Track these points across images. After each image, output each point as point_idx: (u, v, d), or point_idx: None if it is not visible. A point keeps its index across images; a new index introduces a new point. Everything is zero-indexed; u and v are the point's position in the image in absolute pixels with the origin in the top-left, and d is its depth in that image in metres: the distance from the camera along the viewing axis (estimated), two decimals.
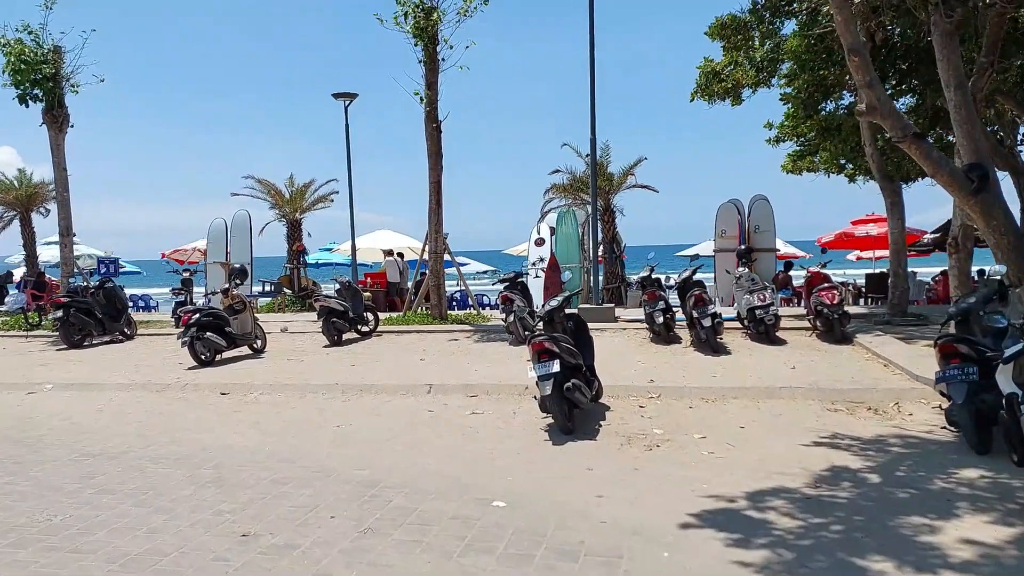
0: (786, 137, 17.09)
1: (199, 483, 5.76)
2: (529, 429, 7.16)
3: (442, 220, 15.06)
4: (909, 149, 7.24)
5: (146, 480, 5.90)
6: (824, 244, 23.83)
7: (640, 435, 6.83)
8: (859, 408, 7.70)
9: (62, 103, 16.34)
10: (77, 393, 9.72)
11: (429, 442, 6.84)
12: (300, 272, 22.17)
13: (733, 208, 18.88)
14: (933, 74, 13.60)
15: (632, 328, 13.16)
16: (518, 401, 8.36)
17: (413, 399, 8.72)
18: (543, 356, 6.78)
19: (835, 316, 11.19)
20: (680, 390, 8.46)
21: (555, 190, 21.99)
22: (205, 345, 11.32)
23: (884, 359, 9.64)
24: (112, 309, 14.72)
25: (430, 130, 14.63)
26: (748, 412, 7.59)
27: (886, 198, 13.80)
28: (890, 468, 5.72)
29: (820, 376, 8.91)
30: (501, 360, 10.78)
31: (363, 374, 10.08)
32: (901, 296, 13.69)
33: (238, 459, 6.42)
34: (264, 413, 8.30)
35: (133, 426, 7.82)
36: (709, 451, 6.26)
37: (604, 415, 7.55)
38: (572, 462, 6.06)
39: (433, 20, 13.95)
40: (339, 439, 7.07)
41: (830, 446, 6.36)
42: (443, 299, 15.51)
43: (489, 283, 24.70)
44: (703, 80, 15.96)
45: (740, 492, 5.21)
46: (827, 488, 5.29)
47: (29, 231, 23.65)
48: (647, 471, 5.78)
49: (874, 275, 20.34)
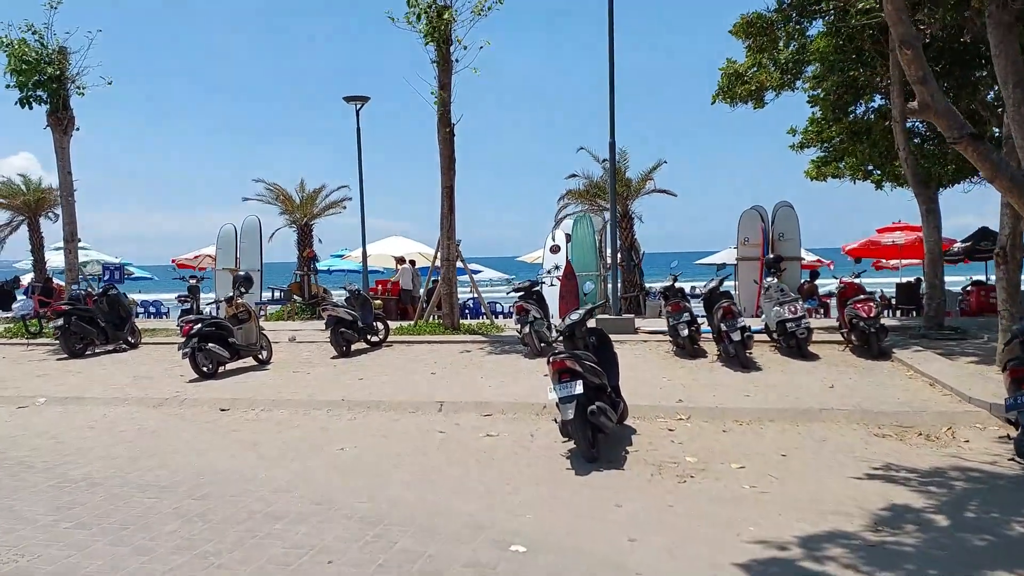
0: (810, 142, 16.42)
1: (185, 516, 5.20)
2: (549, 455, 6.56)
3: (455, 226, 14.52)
4: (965, 151, 6.60)
5: (128, 512, 5.35)
6: (849, 252, 23.14)
7: (671, 463, 6.21)
8: (909, 433, 7.05)
9: (67, 105, 15.95)
10: (70, 408, 9.23)
11: (440, 470, 6.25)
12: (310, 279, 21.68)
13: (756, 215, 18.24)
14: (968, 76, 13.10)
15: (653, 340, 12.54)
16: (536, 421, 7.76)
17: (423, 417, 8.14)
18: (564, 376, 6.20)
19: (872, 330, 10.53)
20: (711, 411, 7.84)
21: (571, 195, 21.43)
22: (207, 356, 10.81)
23: (929, 377, 8.97)
24: (115, 317, 14.29)
25: (443, 133, 14.10)
26: (788, 437, 6.96)
27: (921, 205, 13.12)
28: (957, 508, 5.07)
29: (862, 396, 8.25)
30: (516, 374, 10.19)
31: (371, 389, 9.52)
32: (938, 308, 13.00)
33: (231, 487, 5.86)
34: (264, 432, 7.74)
35: (123, 446, 7.29)
36: (750, 484, 5.63)
37: (630, 439, 6.94)
38: (598, 496, 5.46)
39: (446, 20, 13.43)
40: (342, 464, 6.50)
41: (885, 479, 5.72)
42: (455, 308, 14.96)
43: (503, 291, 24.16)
44: (725, 82, 15.42)
45: (792, 537, 4.58)
46: (890, 532, 4.66)
47: (37, 236, 23.35)
48: (683, 508, 5.17)
49: (904, 285, 19.56)
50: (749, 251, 18.19)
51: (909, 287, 19.18)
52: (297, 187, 22.77)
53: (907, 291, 18.89)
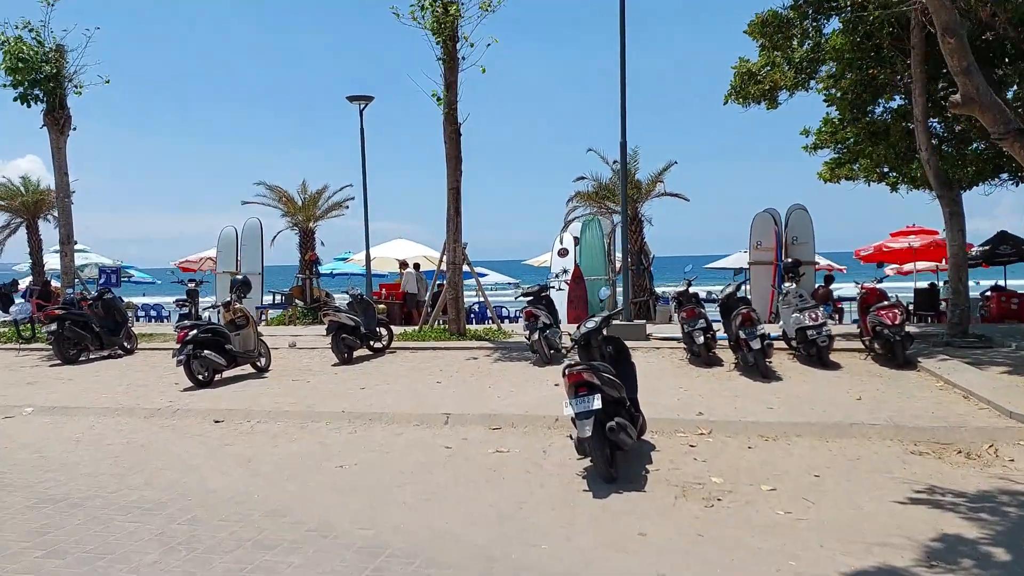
0: (824, 144, 15.94)
1: (169, 544, 4.76)
2: (563, 474, 6.11)
3: (461, 229, 14.09)
4: (1012, 147, 6.16)
5: (108, 537, 4.92)
6: (862, 257, 22.65)
7: (696, 484, 5.75)
8: (948, 451, 6.58)
9: (64, 104, 15.58)
10: (57, 418, 8.81)
11: (446, 491, 5.80)
12: (313, 283, 21.26)
13: (769, 218, 17.75)
14: (991, 73, 12.62)
15: (666, 347, 12.10)
16: (548, 436, 7.31)
17: (428, 431, 7.69)
18: (581, 389, 5.74)
19: (897, 338, 10.05)
20: (734, 425, 7.37)
21: (579, 198, 20.94)
22: (203, 364, 10.38)
23: (962, 389, 8.49)
24: (111, 322, 13.89)
25: (449, 133, 13.68)
26: (819, 455, 6.49)
27: (944, 207, 12.63)
28: (1016, 540, 4.60)
29: (893, 409, 7.78)
30: (525, 383, 9.74)
31: (373, 399, 9.08)
32: (962, 315, 12.51)
33: (220, 510, 5.42)
34: (259, 447, 7.30)
35: (108, 462, 6.85)
36: (784, 510, 5.17)
37: (650, 456, 6.48)
38: (619, 523, 5.00)
39: (452, 15, 13.03)
40: (341, 484, 6.05)
41: (930, 504, 5.26)
42: (462, 313, 14.52)
43: (509, 295, 23.71)
44: (738, 82, 15.01)
45: (838, 574, 4.13)
46: (945, 568, 4.20)
47: (36, 238, 22.95)
48: (714, 538, 4.70)
49: (922, 290, 19.03)
50: (762, 255, 17.71)
51: (927, 292, 18.65)
52: (299, 188, 22.35)
53: (925, 297, 18.36)
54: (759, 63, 14.68)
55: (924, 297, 18.44)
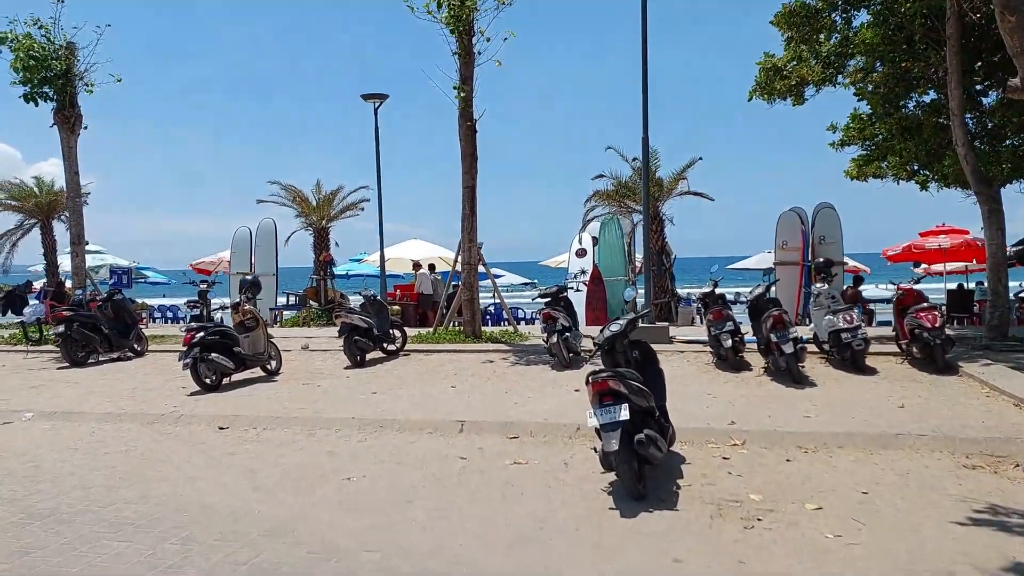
0: (852, 140, 15.36)
1: (158, 568, 4.36)
2: (587, 489, 5.65)
3: (476, 229, 13.67)
4: None
5: (94, 558, 4.53)
6: (890, 257, 21.97)
7: (732, 502, 5.28)
8: (1004, 465, 6.06)
9: (74, 103, 15.36)
10: (57, 424, 8.48)
11: (460, 508, 5.36)
12: (327, 284, 20.94)
13: (796, 217, 17.19)
14: None
15: (691, 351, 11.62)
16: (569, 446, 6.86)
17: (442, 440, 7.27)
18: (606, 398, 5.29)
19: (937, 341, 9.50)
20: (770, 435, 6.87)
21: (598, 197, 20.47)
22: (210, 367, 10.03)
23: (1012, 396, 7.94)
24: (120, 323, 13.62)
25: (464, 129, 13.27)
26: (864, 469, 5.99)
27: (982, 205, 12.05)
28: None
29: (940, 418, 7.26)
30: (543, 388, 9.30)
31: (385, 405, 8.67)
32: (1002, 317, 11.94)
33: (217, 528, 5.02)
34: (263, 456, 6.90)
35: (104, 472, 6.48)
36: (833, 532, 4.68)
37: (680, 470, 6.01)
38: (651, 547, 4.53)
39: (468, 6, 12.62)
40: (348, 498, 5.64)
41: (994, 526, 4.75)
42: (477, 314, 14.11)
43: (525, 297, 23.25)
44: (763, 77, 14.52)
45: None
46: None
47: (50, 239, 22.85)
48: (758, 567, 4.23)
49: (956, 291, 18.36)
50: (787, 255, 17.15)
51: (960, 294, 18.00)
52: (314, 188, 22.07)
53: (958, 298, 17.71)
54: (785, 57, 14.20)
55: (957, 298, 17.78)
